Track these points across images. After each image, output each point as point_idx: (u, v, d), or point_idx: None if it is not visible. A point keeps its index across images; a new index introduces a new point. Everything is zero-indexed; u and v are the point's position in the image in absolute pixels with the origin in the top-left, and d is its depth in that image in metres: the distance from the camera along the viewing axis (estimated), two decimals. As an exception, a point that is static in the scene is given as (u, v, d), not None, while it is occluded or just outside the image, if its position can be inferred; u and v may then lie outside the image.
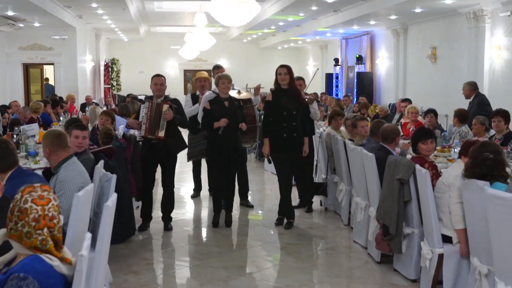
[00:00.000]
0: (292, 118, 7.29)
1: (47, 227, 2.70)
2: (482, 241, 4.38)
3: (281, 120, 7.30)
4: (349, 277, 5.85)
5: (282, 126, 7.30)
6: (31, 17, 14.74)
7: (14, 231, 2.69)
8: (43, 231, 2.68)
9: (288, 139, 7.30)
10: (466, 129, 8.23)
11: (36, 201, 2.69)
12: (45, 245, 2.69)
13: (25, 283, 2.56)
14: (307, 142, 7.50)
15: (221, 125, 7.24)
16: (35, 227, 2.67)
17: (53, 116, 12.27)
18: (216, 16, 9.86)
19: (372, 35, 18.84)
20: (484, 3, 11.72)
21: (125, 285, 5.50)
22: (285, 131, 7.29)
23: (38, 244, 2.67)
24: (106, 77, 23.87)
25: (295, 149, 7.39)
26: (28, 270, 2.59)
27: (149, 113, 7.13)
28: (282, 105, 7.30)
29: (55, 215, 2.74)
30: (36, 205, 2.68)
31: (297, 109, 7.33)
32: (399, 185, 5.38)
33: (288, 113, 7.28)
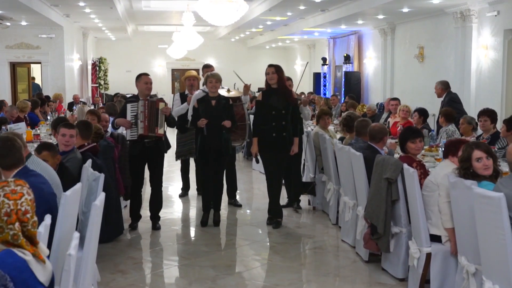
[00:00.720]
0: (281, 118, 7.28)
1: (19, 221, 2.68)
2: (469, 240, 4.40)
3: (270, 120, 7.30)
4: (337, 276, 5.86)
5: (271, 126, 7.29)
6: (18, 15, 14.66)
7: None
8: (14, 226, 2.66)
9: (277, 138, 7.30)
10: (453, 128, 8.26)
11: (9, 196, 2.68)
12: (16, 240, 2.66)
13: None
14: (296, 142, 7.49)
15: (200, 125, 7.25)
16: (7, 222, 2.65)
17: (40, 115, 12.19)
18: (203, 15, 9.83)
19: (359, 34, 18.88)
20: (471, 3, 11.78)
21: (112, 284, 5.48)
22: (274, 130, 7.29)
23: (9, 239, 2.65)
24: (94, 76, 23.77)
25: (284, 149, 7.39)
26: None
27: (147, 111, 7.12)
28: (271, 104, 7.30)
29: (28, 210, 2.71)
30: (8, 200, 2.67)
31: (286, 109, 7.32)
32: (387, 184, 5.40)
33: (277, 112, 7.28)
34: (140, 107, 7.13)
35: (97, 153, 6.17)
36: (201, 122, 7.22)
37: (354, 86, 18.07)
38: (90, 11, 15.90)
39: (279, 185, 7.59)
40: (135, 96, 7.39)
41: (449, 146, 5.19)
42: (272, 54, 27.82)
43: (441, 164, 5.19)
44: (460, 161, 4.57)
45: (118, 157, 7.29)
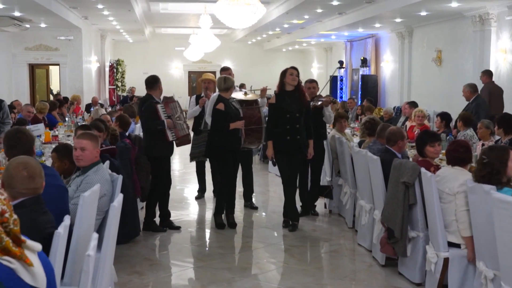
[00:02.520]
0: (295, 121, 7.27)
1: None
2: (488, 246, 4.36)
3: (284, 123, 7.28)
4: (353, 280, 5.84)
5: (285, 129, 7.28)
6: (37, 17, 14.77)
7: None
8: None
9: (291, 141, 7.29)
10: (471, 132, 8.20)
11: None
12: (1, 242, 2.48)
13: None
14: (311, 144, 7.48)
15: (238, 126, 7.34)
16: None
17: (58, 117, 12.28)
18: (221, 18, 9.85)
19: (377, 37, 18.82)
20: (490, 7, 11.70)
21: (129, 285, 5.50)
22: (288, 133, 7.28)
23: None
24: (111, 78, 23.90)
25: (298, 152, 7.39)
26: None
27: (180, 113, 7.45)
28: (285, 107, 7.28)
29: (5, 209, 2.54)
30: None
31: (300, 111, 7.31)
32: (404, 188, 5.37)
33: (291, 115, 7.27)
34: (178, 108, 7.32)
35: (115, 155, 6.20)
36: (240, 123, 7.37)
37: (371, 90, 18.00)
38: (108, 13, 15.99)
39: (294, 188, 7.58)
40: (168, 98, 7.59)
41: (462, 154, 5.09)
42: (289, 57, 27.81)
43: (454, 174, 5.06)
44: (490, 165, 4.48)
45: (134, 158, 7.32)
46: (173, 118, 7.26)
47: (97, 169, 4.88)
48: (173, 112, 7.34)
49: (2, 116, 9.06)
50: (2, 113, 9.10)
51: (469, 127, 8.31)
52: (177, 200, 9.51)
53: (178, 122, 7.33)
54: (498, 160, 4.41)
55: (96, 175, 4.80)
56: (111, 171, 5.20)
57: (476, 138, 8.01)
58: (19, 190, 2.90)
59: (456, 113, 10.22)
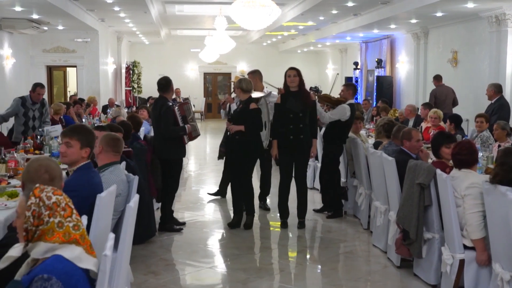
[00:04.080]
0: (298, 120, 7.36)
1: (75, 214, 2.76)
2: (504, 247, 4.33)
3: (288, 123, 7.39)
4: (368, 281, 5.82)
5: (289, 128, 7.39)
6: (54, 20, 14.87)
7: (44, 225, 2.70)
8: (72, 218, 2.73)
9: (294, 141, 7.39)
10: (488, 133, 8.15)
11: (56, 193, 2.75)
12: (78, 229, 2.73)
13: (50, 283, 2.57)
14: (315, 144, 7.49)
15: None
16: (64, 216, 2.71)
17: (74, 118, 12.34)
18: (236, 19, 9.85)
19: (392, 38, 18.74)
20: (506, 7, 11.60)
21: (145, 285, 5.53)
22: (291, 133, 7.38)
23: (71, 230, 2.71)
24: (127, 79, 24.00)
25: (301, 151, 7.46)
26: (50, 270, 2.61)
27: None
28: (288, 107, 7.39)
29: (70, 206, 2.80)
30: (59, 196, 2.74)
31: (304, 111, 7.37)
32: (420, 190, 5.34)
33: (295, 115, 7.37)
34: (191, 109, 7.56)
35: (131, 157, 6.23)
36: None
37: (386, 91, 17.92)
38: (125, 16, 16.07)
39: (288, 187, 7.69)
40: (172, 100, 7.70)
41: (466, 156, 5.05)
42: (303, 58, 27.78)
43: (459, 175, 5.03)
44: (511, 167, 4.42)
45: (150, 159, 7.35)
46: (187, 119, 7.42)
47: (113, 169, 4.91)
48: (187, 113, 7.48)
49: (44, 114, 9.29)
50: (45, 111, 9.33)
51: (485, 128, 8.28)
52: (193, 200, 9.55)
53: (191, 123, 7.49)
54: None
55: (112, 175, 4.83)
56: (127, 171, 5.22)
57: (493, 139, 7.96)
58: None
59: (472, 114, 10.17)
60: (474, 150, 5.11)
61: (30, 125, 9.01)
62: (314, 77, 26.30)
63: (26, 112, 9.07)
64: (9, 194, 4.94)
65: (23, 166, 6.10)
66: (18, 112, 9.04)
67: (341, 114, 7.90)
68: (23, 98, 9.20)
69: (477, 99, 12.79)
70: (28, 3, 11.68)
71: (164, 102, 7.35)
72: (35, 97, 9.15)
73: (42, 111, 9.21)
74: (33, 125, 9.04)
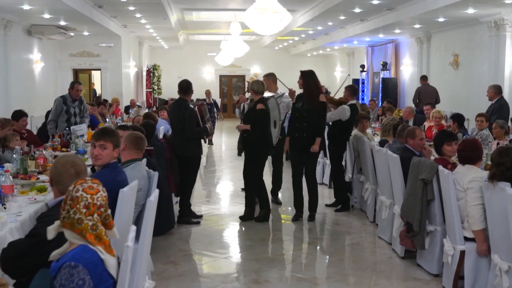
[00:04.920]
0: (303, 119, 7.45)
1: (96, 214, 2.75)
2: (502, 239, 4.31)
3: (295, 121, 7.54)
4: (374, 271, 5.80)
5: (295, 127, 7.53)
6: (80, 26, 14.93)
7: (67, 219, 2.72)
8: (93, 217, 2.72)
9: (299, 138, 7.49)
10: (487, 132, 8.10)
11: (86, 190, 2.74)
12: (95, 229, 2.72)
13: (76, 271, 2.60)
14: (317, 141, 7.47)
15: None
16: (86, 214, 2.71)
17: (99, 118, 12.39)
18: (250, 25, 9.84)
19: (396, 43, 18.65)
20: (505, 13, 11.51)
21: (165, 274, 5.54)
22: (297, 131, 7.50)
23: (89, 229, 2.71)
24: (148, 82, 24.05)
25: (304, 148, 7.51)
26: (78, 259, 2.63)
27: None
28: (296, 107, 7.57)
29: (102, 204, 2.77)
30: (86, 194, 2.73)
31: (308, 111, 7.43)
32: (423, 185, 5.32)
33: (300, 114, 7.48)
34: (207, 110, 7.69)
35: (152, 155, 6.24)
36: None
37: (391, 92, 17.85)
38: (146, 22, 16.11)
39: (300, 181, 7.70)
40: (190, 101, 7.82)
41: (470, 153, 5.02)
42: (313, 61, 27.69)
43: (462, 171, 4.99)
44: (507, 167, 4.36)
45: (169, 157, 7.36)
46: (204, 119, 7.51)
47: (134, 166, 4.93)
48: (204, 114, 7.55)
49: (83, 110, 9.36)
50: (83, 107, 9.40)
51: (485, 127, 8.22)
52: (209, 195, 9.57)
53: (208, 122, 7.59)
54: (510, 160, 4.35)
55: (134, 171, 4.84)
56: (148, 168, 5.24)
57: (492, 137, 7.91)
58: (66, 186, 2.97)
59: (472, 114, 10.11)
60: (478, 148, 5.06)
61: (72, 121, 9.08)
62: (323, 79, 26.06)
63: (68, 110, 9.12)
64: (38, 188, 4.97)
65: (51, 163, 6.13)
66: (61, 110, 9.11)
67: (341, 114, 7.96)
68: (63, 97, 9.25)
69: (477, 100, 12.70)
70: (56, 10, 11.75)
71: (186, 105, 7.38)
72: (74, 94, 9.19)
73: (81, 108, 9.29)
74: (75, 121, 9.11)
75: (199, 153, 7.58)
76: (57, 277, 2.60)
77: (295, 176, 7.69)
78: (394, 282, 5.45)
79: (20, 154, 5.95)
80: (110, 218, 2.82)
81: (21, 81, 13.55)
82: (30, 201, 4.60)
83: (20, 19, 12.91)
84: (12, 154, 6.13)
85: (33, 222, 4.06)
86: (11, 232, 3.81)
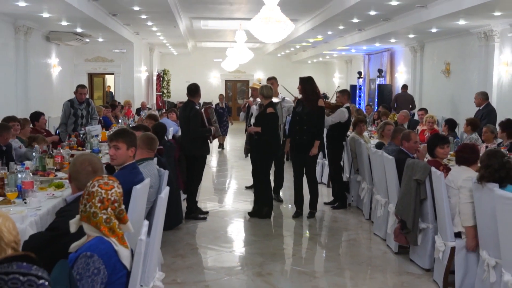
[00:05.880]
0: (302, 123, 7.46)
1: (110, 208, 2.77)
2: (490, 236, 4.31)
3: (296, 124, 7.55)
4: (369, 265, 5.80)
5: (296, 129, 7.53)
6: (95, 33, 14.95)
7: (84, 213, 2.75)
8: (107, 211, 2.75)
9: (299, 141, 7.51)
10: (476, 136, 8.09)
11: (102, 186, 2.78)
12: (109, 222, 2.75)
13: (92, 260, 2.63)
14: (316, 144, 7.47)
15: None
16: (100, 208, 2.74)
17: (112, 119, 12.41)
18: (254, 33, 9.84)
19: (392, 51, 18.64)
20: (494, 24, 11.51)
21: (173, 266, 5.56)
22: (297, 133, 7.50)
23: (103, 222, 2.74)
24: (158, 86, 24.07)
25: (303, 150, 7.51)
26: (94, 249, 2.66)
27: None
28: (297, 111, 7.58)
29: (116, 200, 2.80)
30: (101, 189, 2.77)
31: (307, 115, 7.44)
32: (416, 185, 5.32)
33: (300, 118, 7.49)
34: (214, 112, 7.65)
35: (162, 154, 6.25)
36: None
37: (386, 97, 17.81)
38: (156, 30, 16.13)
39: (301, 181, 7.70)
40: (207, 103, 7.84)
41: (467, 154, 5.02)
42: (313, 68, 27.67)
43: (457, 170, 4.99)
44: (495, 169, 4.35)
45: (178, 156, 7.38)
46: (211, 121, 7.51)
47: (146, 164, 4.94)
48: (211, 116, 7.56)
49: (91, 112, 9.39)
50: (91, 109, 9.43)
51: (475, 131, 8.21)
52: (215, 192, 9.58)
53: (214, 125, 7.56)
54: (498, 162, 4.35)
55: (145, 170, 4.85)
56: (158, 167, 5.25)
57: (480, 141, 7.90)
58: (83, 183, 2.99)
59: (462, 119, 10.11)
60: (476, 151, 5.02)
61: (79, 122, 9.13)
62: (322, 85, 26.17)
63: (75, 112, 9.16)
64: (56, 185, 4.99)
65: (68, 161, 6.15)
66: (69, 113, 9.15)
67: (341, 116, 7.97)
68: (71, 101, 9.30)
69: (467, 105, 12.69)
70: (73, 18, 11.77)
71: (192, 106, 7.40)
72: (79, 97, 9.25)
73: (88, 109, 9.32)
74: (81, 122, 9.16)
75: (205, 153, 7.58)
76: (74, 266, 2.62)
77: (296, 176, 7.69)
78: (388, 276, 5.45)
79: (39, 152, 5.97)
80: (124, 213, 2.84)
81: (39, 84, 13.59)
82: (48, 196, 4.63)
83: (39, 26, 12.94)
84: (32, 152, 6.16)
85: (52, 216, 4.08)
86: (31, 225, 3.84)
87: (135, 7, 11.68)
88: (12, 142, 6.78)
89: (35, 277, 2.12)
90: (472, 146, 5.18)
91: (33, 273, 2.13)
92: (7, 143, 6.48)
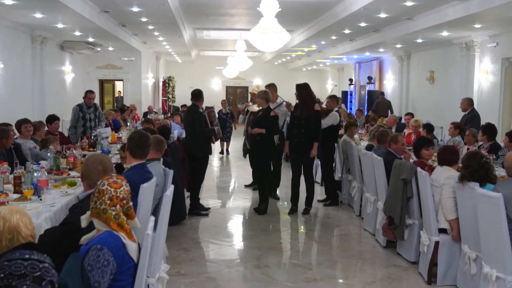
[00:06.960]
0: (301, 126, 7.44)
1: (119, 205, 2.77)
2: (471, 232, 4.32)
3: (294, 127, 7.53)
4: (360, 258, 5.80)
5: (295, 132, 7.49)
6: (106, 42, 14.95)
7: (94, 209, 2.75)
8: (116, 208, 2.75)
9: (298, 143, 7.47)
10: (459, 138, 8.10)
11: (111, 185, 2.78)
12: (118, 218, 2.75)
13: (102, 253, 2.63)
14: (315, 146, 7.47)
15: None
16: (110, 205, 2.74)
17: (121, 122, 12.40)
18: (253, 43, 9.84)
19: (380, 60, 18.66)
20: (474, 36, 11.53)
21: (178, 259, 5.55)
22: (296, 136, 7.47)
23: (112, 218, 2.74)
24: (164, 91, 24.06)
25: (302, 152, 7.50)
26: (103, 242, 2.66)
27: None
28: (296, 115, 7.53)
29: (124, 197, 2.80)
30: (110, 187, 2.77)
31: (306, 119, 7.43)
32: (403, 184, 5.32)
33: (298, 121, 7.46)
34: (216, 115, 7.67)
35: (167, 155, 6.24)
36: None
37: (375, 103, 17.84)
38: (162, 39, 16.12)
39: (298, 180, 7.68)
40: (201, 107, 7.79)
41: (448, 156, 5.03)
42: (308, 75, 27.67)
43: (440, 170, 5.00)
44: (475, 169, 4.37)
45: (182, 157, 7.36)
46: (213, 124, 7.56)
47: (153, 164, 4.93)
48: (213, 119, 7.60)
49: (98, 116, 9.41)
50: (98, 113, 9.45)
51: (460, 134, 8.23)
52: (216, 190, 9.56)
53: (216, 127, 7.60)
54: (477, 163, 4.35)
55: (152, 169, 4.84)
56: (164, 166, 5.25)
57: (463, 143, 7.91)
58: (95, 181, 2.99)
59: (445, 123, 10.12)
60: (456, 153, 5.05)
61: (87, 125, 9.14)
62: (316, 91, 25.85)
63: (84, 115, 9.17)
64: (69, 183, 4.98)
65: (80, 161, 6.15)
66: (78, 116, 9.15)
67: (334, 119, 7.99)
68: (79, 105, 9.29)
69: (450, 110, 12.70)
70: (86, 28, 11.77)
71: (196, 109, 7.42)
72: (87, 101, 9.26)
73: (96, 113, 9.33)
74: (90, 125, 9.16)
75: (207, 153, 7.58)
76: (86, 258, 2.62)
77: (294, 175, 7.67)
78: (377, 268, 5.45)
79: (53, 152, 5.97)
80: (132, 210, 2.84)
81: (54, 90, 13.59)
82: (62, 194, 4.62)
83: (54, 36, 12.93)
84: (47, 152, 6.15)
85: (65, 212, 4.07)
86: (46, 221, 3.83)
87: (143, 18, 11.68)
88: (27, 143, 6.78)
89: (37, 261, 2.16)
90: (453, 148, 5.20)
91: (35, 258, 2.17)
92: (15, 143, 6.46)
